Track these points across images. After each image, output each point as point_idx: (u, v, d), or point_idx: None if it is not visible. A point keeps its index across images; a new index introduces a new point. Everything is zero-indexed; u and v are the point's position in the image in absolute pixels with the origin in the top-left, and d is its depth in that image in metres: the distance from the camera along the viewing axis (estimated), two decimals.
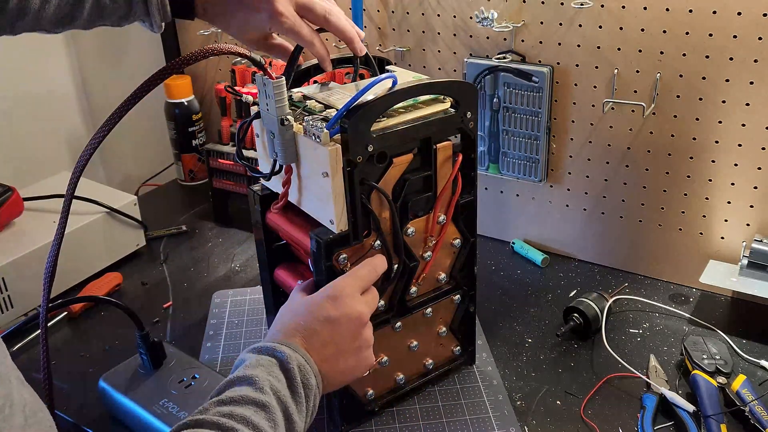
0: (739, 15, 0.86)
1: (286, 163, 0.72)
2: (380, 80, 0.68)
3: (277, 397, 0.58)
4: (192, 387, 0.80)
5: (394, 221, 0.72)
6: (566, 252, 1.12)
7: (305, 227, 0.75)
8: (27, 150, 1.33)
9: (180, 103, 1.35)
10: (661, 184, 1.00)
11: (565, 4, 0.97)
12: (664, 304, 0.99)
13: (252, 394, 0.57)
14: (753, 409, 0.76)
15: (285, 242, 0.83)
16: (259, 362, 0.61)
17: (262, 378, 0.59)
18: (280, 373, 0.60)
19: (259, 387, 0.58)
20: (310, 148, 0.69)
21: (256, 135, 0.78)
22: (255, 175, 0.78)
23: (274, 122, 0.69)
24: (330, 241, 0.69)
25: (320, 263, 0.70)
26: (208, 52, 0.65)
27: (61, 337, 0.98)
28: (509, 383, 0.85)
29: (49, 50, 1.36)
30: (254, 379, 0.58)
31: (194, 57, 0.64)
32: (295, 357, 0.62)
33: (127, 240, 1.15)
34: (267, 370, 0.60)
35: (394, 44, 1.15)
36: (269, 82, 0.68)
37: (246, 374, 0.59)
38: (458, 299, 0.83)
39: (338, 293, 0.67)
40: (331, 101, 0.73)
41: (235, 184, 1.23)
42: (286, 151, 0.70)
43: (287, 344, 0.63)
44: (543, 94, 1.01)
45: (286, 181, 0.73)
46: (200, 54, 0.64)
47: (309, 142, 0.68)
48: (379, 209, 0.71)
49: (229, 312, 1.01)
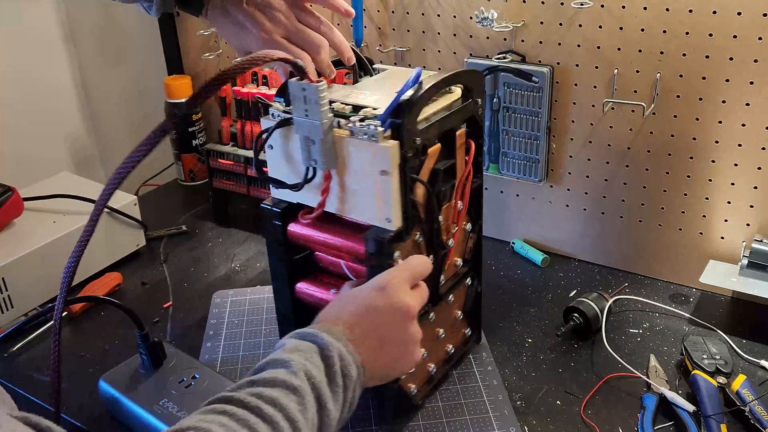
0: (739, 15, 0.86)
1: (327, 168, 0.70)
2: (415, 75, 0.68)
3: (311, 383, 0.57)
4: (192, 387, 0.80)
5: (434, 212, 0.73)
6: (566, 252, 1.12)
7: (347, 233, 0.74)
8: (27, 150, 1.33)
9: (180, 103, 1.35)
10: (661, 184, 1.00)
11: (565, 4, 0.97)
12: (664, 304, 0.99)
13: (284, 377, 0.56)
14: (753, 409, 0.76)
15: (305, 255, 0.81)
16: (298, 347, 0.60)
17: (297, 362, 0.58)
18: (319, 359, 0.59)
19: (293, 371, 0.57)
20: (361, 149, 0.68)
21: (269, 146, 0.75)
22: (281, 188, 0.75)
23: (317, 128, 0.67)
24: (390, 239, 0.69)
25: (382, 263, 0.69)
26: (260, 59, 0.62)
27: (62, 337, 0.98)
28: (509, 383, 0.85)
29: (49, 50, 1.36)
30: (289, 363, 0.57)
31: (250, 62, 0.61)
32: (336, 345, 0.60)
33: (127, 240, 1.15)
34: (305, 356, 0.59)
35: (394, 44, 1.15)
36: (311, 87, 0.66)
37: (282, 357, 0.58)
38: (469, 282, 0.84)
39: (386, 283, 0.65)
40: (359, 102, 0.73)
41: (235, 184, 1.23)
42: (328, 156, 0.69)
43: (329, 332, 0.61)
44: (543, 94, 1.01)
45: (326, 189, 0.72)
46: (252, 61, 0.61)
47: (359, 142, 0.67)
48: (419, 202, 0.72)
49: (229, 312, 1.01)
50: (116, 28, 1.47)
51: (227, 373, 0.87)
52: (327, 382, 0.58)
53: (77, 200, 1.11)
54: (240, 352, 0.92)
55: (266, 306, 1.02)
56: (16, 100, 1.30)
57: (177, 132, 1.36)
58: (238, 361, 0.91)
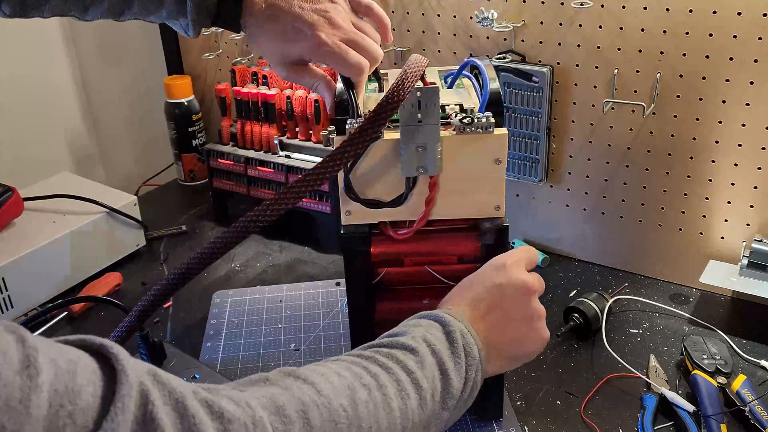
0: (739, 15, 0.86)
1: (437, 173, 0.68)
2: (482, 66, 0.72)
3: (432, 349, 0.57)
4: None
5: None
6: (566, 252, 1.12)
7: (444, 236, 0.73)
8: (27, 150, 1.33)
9: (180, 103, 1.35)
10: (661, 184, 1.00)
11: (565, 4, 0.97)
12: (664, 304, 0.99)
13: (402, 340, 0.56)
14: (753, 409, 0.76)
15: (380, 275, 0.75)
16: (419, 323, 0.60)
17: (418, 333, 0.58)
18: (441, 334, 0.59)
19: (412, 336, 0.57)
20: (471, 143, 0.68)
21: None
22: (376, 207, 0.69)
23: (434, 132, 0.65)
24: (507, 226, 0.70)
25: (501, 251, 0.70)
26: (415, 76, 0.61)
27: None
28: (509, 383, 0.85)
29: (50, 50, 1.36)
30: (408, 332, 0.58)
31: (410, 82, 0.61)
32: (458, 325, 0.60)
33: (127, 240, 1.15)
34: (425, 329, 0.59)
35: (394, 44, 1.15)
36: (430, 91, 0.64)
37: (401, 330, 0.59)
38: None
39: (503, 262, 0.65)
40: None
41: (235, 184, 1.23)
42: (438, 160, 0.67)
43: (451, 313, 0.61)
44: (543, 94, 1.01)
45: (432, 196, 0.69)
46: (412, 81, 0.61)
47: (469, 137, 0.67)
48: None
49: (229, 312, 1.01)
50: (116, 28, 1.47)
51: (227, 373, 0.87)
52: (449, 355, 0.58)
53: (77, 200, 1.11)
54: (240, 352, 0.92)
55: (266, 306, 1.02)
56: (16, 100, 1.30)
57: (177, 132, 1.36)
58: (238, 361, 0.91)
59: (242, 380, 0.51)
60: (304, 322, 0.98)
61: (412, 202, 0.70)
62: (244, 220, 0.59)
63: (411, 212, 0.70)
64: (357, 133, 0.61)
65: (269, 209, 0.59)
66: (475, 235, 0.72)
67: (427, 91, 0.64)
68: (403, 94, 0.61)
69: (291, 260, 1.14)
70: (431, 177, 0.68)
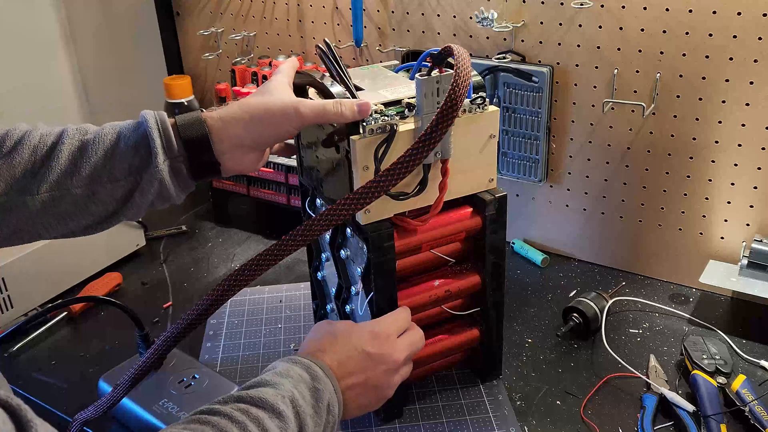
0: (739, 15, 0.86)
1: (449, 156, 0.71)
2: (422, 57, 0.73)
3: (296, 411, 0.59)
4: (192, 387, 0.80)
5: None
6: (566, 252, 1.12)
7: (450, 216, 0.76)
8: None
9: (180, 103, 1.35)
10: (661, 184, 1.00)
11: (565, 4, 0.97)
12: (664, 304, 0.99)
13: (272, 400, 0.58)
14: (753, 409, 0.76)
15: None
16: (289, 373, 0.62)
17: (286, 389, 0.59)
18: (308, 391, 0.61)
19: (281, 395, 0.58)
20: (469, 123, 0.72)
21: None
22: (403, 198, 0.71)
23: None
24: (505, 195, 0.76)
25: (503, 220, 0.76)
26: (462, 96, 0.61)
27: (61, 337, 0.98)
28: (509, 383, 0.85)
29: (49, 51, 1.36)
30: (278, 387, 0.59)
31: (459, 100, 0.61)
32: (327, 384, 0.63)
33: (127, 240, 1.15)
34: (295, 384, 0.61)
35: (394, 44, 1.15)
36: (446, 77, 0.66)
37: (273, 380, 0.60)
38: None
39: (380, 332, 0.69)
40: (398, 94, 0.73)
41: (235, 184, 1.23)
42: (450, 143, 0.70)
43: (321, 365, 0.64)
44: (543, 94, 1.01)
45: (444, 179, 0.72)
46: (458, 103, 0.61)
47: (467, 118, 0.72)
48: None
49: (229, 312, 1.01)
50: (116, 27, 1.47)
51: (227, 374, 0.87)
52: (312, 414, 0.60)
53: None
54: (240, 352, 0.92)
55: (266, 306, 1.02)
56: (16, 100, 1.30)
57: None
58: (237, 361, 0.91)
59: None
60: (303, 322, 0.98)
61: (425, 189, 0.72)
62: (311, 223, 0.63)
63: (422, 199, 0.73)
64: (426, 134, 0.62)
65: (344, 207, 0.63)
66: (474, 210, 0.77)
67: (445, 78, 0.67)
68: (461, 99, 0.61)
69: (291, 260, 1.14)
70: (443, 161, 0.71)
